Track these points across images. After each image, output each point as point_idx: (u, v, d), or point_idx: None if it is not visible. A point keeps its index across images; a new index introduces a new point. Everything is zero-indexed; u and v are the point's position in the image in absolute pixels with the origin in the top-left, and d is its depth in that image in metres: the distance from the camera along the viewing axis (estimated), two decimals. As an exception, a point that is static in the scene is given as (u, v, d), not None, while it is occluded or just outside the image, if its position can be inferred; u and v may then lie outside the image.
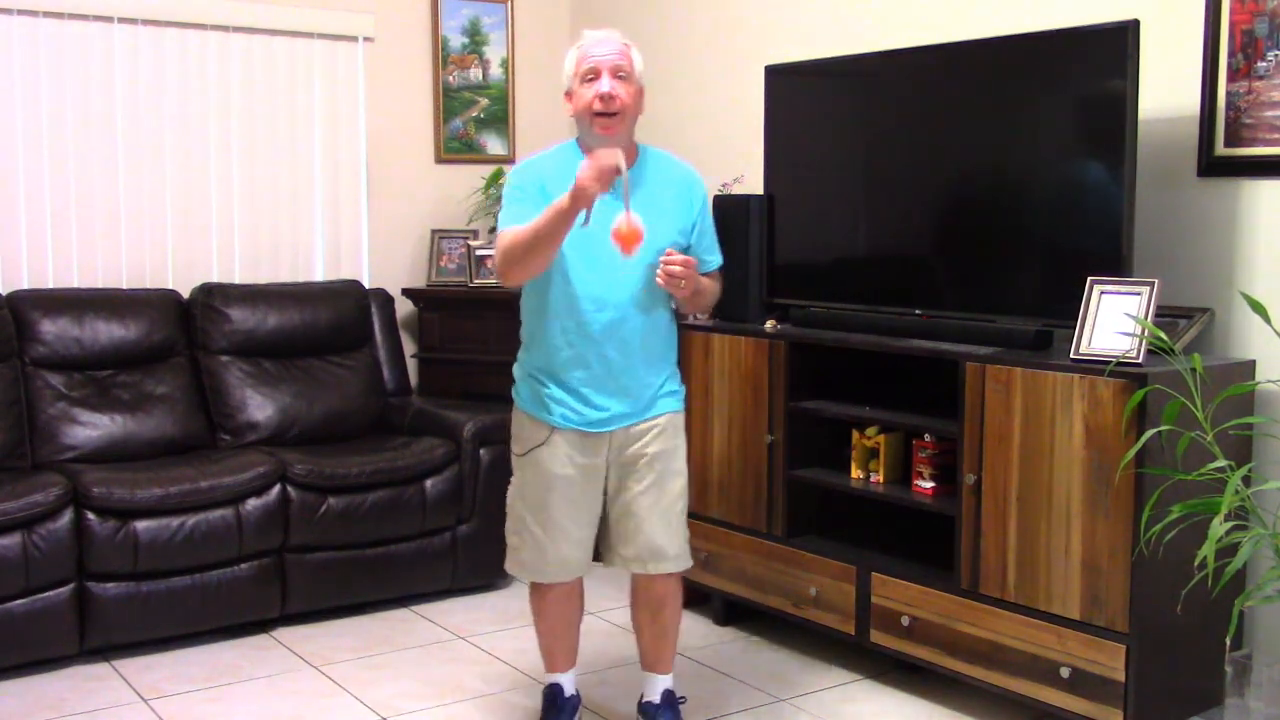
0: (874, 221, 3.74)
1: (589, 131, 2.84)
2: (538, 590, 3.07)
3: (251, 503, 3.80)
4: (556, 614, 3.09)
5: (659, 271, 2.77)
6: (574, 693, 3.16)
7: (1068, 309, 3.04)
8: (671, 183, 2.93)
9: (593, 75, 2.81)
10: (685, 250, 2.89)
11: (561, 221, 2.67)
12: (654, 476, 2.95)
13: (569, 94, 2.87)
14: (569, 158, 2.85)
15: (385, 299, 4.75)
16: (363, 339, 4.60)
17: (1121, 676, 2.87)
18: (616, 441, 2.93)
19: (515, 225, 2.78)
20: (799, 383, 3.65)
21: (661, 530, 2.97)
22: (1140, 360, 2.83)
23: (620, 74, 2.81)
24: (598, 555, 3.08)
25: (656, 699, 3.13)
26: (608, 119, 2.79)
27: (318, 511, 3.91)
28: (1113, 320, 2.92)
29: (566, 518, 2.96)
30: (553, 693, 3.15)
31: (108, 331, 4.11)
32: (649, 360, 2.93)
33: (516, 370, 3.02)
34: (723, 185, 4.20)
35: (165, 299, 4.30)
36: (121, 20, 4.40)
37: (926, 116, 3.53)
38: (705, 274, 2.97)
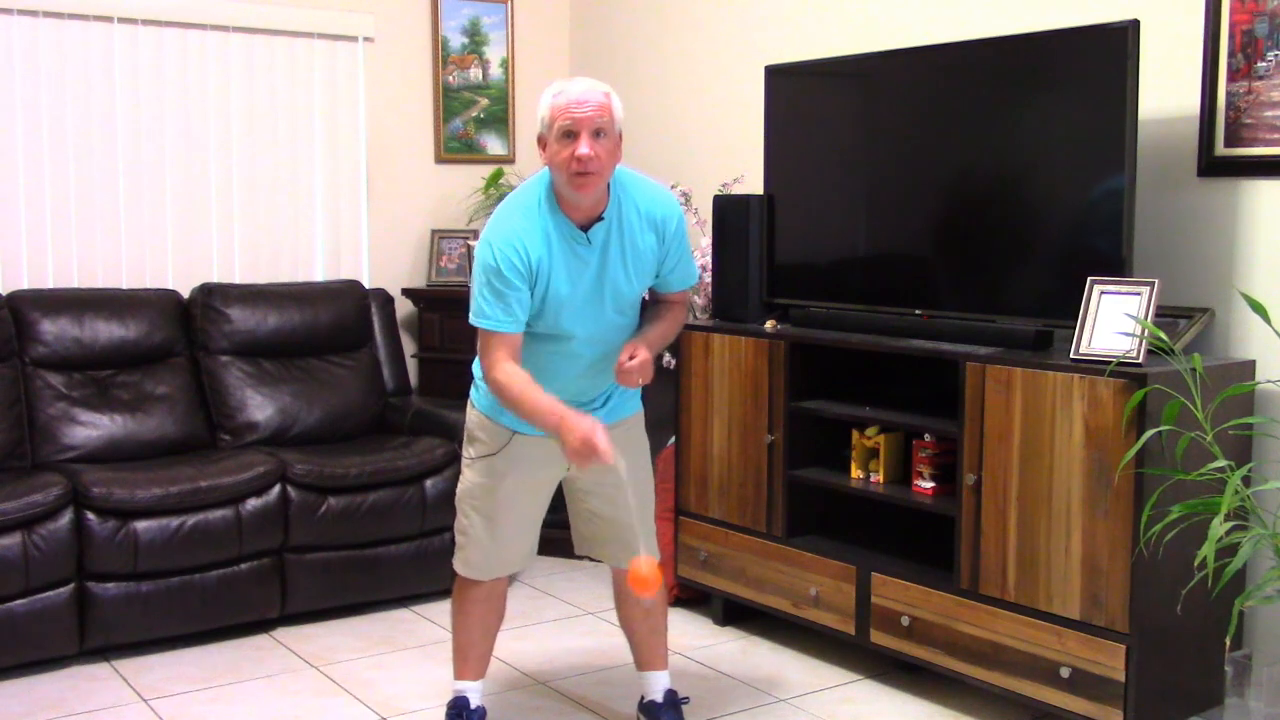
0: (874, 221, 3.74)
1: (563, 184, 2.71)
2: (464, 586, 3.03)
3: (251, 503, 3.80)
4: (478, 615, 3.04)
5: (617, 373, 2.75)
6: (480, 705, 3.08)
7: (1068, 309, 3.04)
8: (645, 227, 2.82)
9: (570, 134, 2.64)
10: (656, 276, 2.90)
11: (548, 428, 2.68)
12: (624, 478, 2.91)
13: (542, 140, 2.72)
14: (540, 217, 2.74)
15: (385, 299, 4.75)
16: (363, 339, 4.60)
17: (1121, 676, 2.87)
18: None
19: (503, 331, 2.71)
20: (799, 383, 3.65)
21: (644, 530, 2.97)
22: (1140, 360, 2.83)
23: (599, 134, 2.65)
24: (569, 553, 3.12)
25: (659, 698, 3.13)
26: (584, 178, 2.67)
27: (317, 511, 3.91)
28: (1113, 320, 2.92)
29: (514, 523, 2.96)
30: (458, 704, 3.06)
31: (108, 331, 4.11)
32: (614, 379, 2.87)
33: (476, 369, 2.97)
34: (723, 185, 4.21)
35: (165, 299, 4.30)
36: (121, 20, 4.40)
37: (926, 116, 3.53)
38: (671, 293, 2.97)
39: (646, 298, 2.99)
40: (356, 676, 3.56)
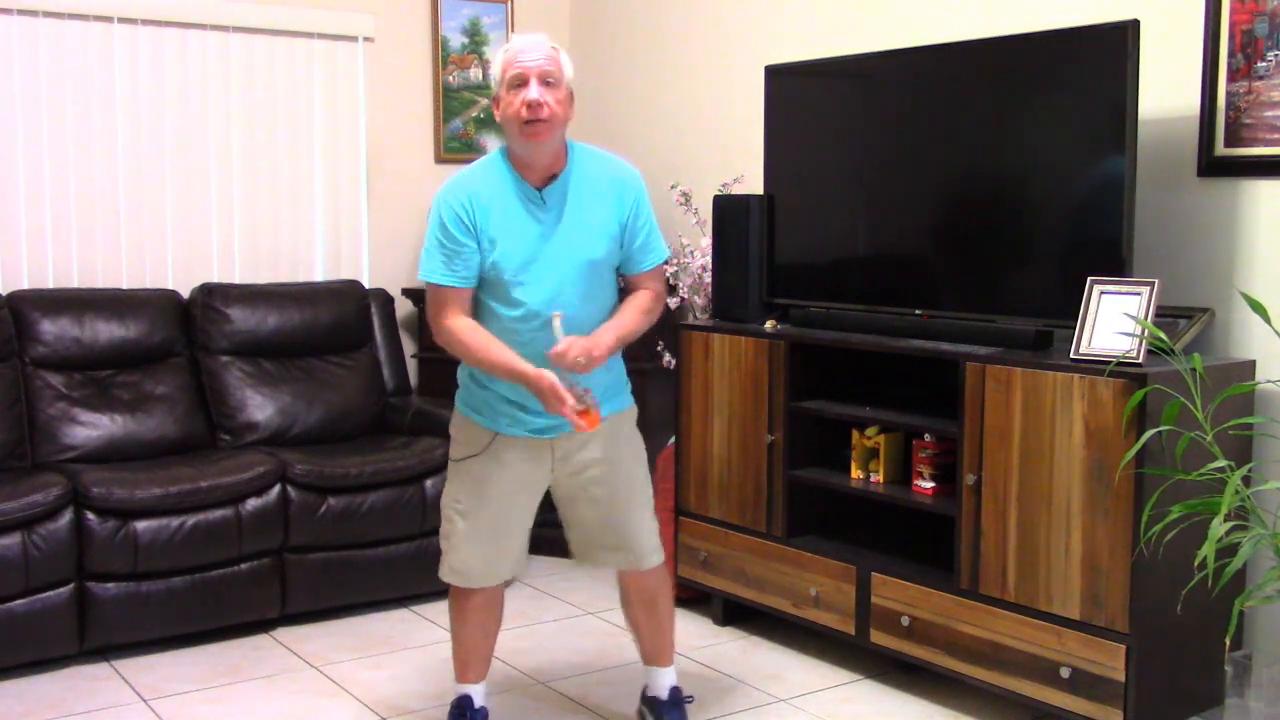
0: (874, 221, 3.74)
1: (516, 140, 2.74)
2: (460, 595, 3.00)
3: (251, 503, 3.80)
4: (476, 622, 3.02)
5: (550, 356, 2.69)
6: (483, 705, 3.06)
7: (1068, 309, 3.04)
8: (601, 192, 2.82)
9: (520, 82, 2.69)
10: (618, 247, 2.85)
11: (514, 380, 2.72)
12: (617, 478, 2.93)
13: (495, 100, 2.78)
14: (497, 175, 2.78)
15: (385, 299, 4.75)
16: (363, 339, 4.60)
17: (1121, 676, 2.87)
18: (560, 450, 2.88)
19: (449, 285, 2.74)
20: (799, 383, 3.65)
21: (644, 529, 2.99)
22: (1140, 360, 2.83)
23: (548, 80, 2.70)
24: (568, 553, 3.09)
25: (663, 695, 3.12)
26: (535, 126, 2.69)
27: (317, 511, 3.91)
28: (1113, 320, 2.92)
29: (501, 527, 2.93)
30: (461, 705, 3.05)
31: (108, 331, 4.11)
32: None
33: (460, 370, 2.97)
34: (723, 185, 4.21)
35: (165, 299, 4.30)
36: (121, 20, 4.40)
37: (926, 116, 3.52)
38: (641, 273, 2.91)
39: (622, 285, 2.95)
40: (356, 676, 3.56)
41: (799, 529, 3.68)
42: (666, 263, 3.04)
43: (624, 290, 2.97)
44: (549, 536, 3.43)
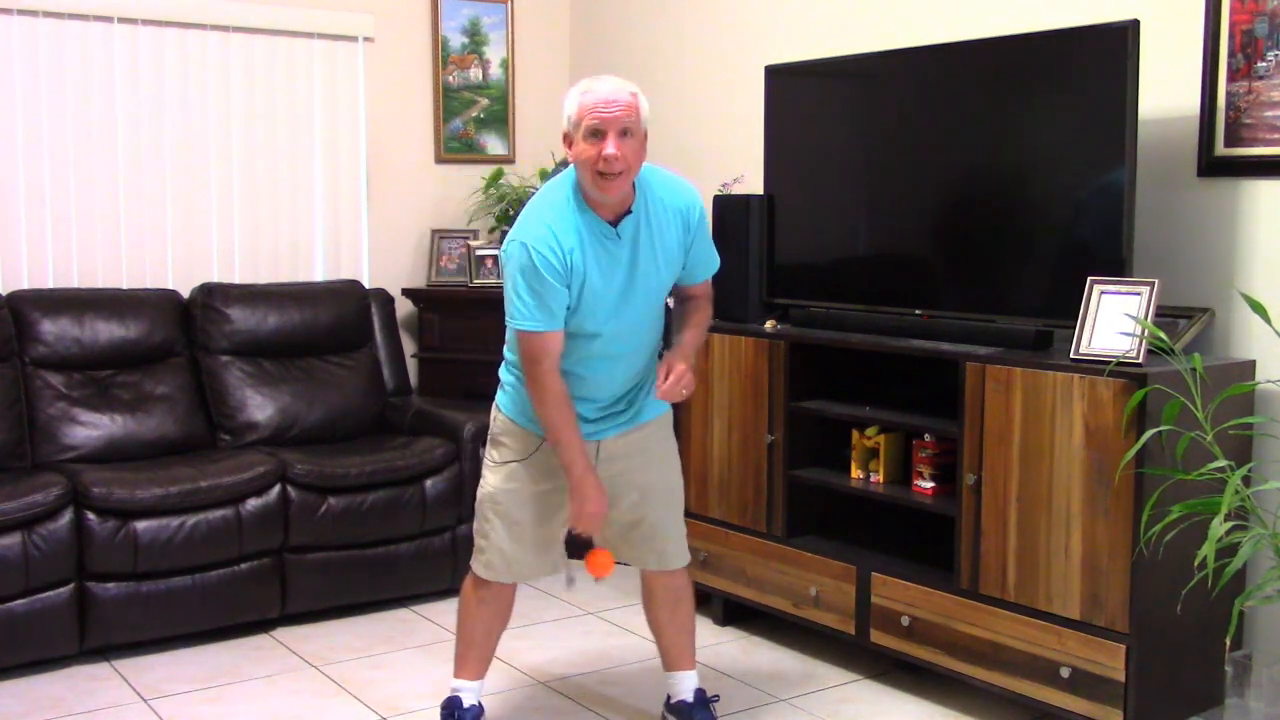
0: (874, 221, 3.74)
1: (588, 183, 2.71)
2: (474, 585, 3.02)
3: (251, 503, 3.80)
4: (484, 616, 3.02)
5: (659, 393, 2.79)
6: (475, 703, 3.05)
7: (1068, 309, 3.04)
8: (668, 220, 2.83)
9: (598, 134, 2.65)
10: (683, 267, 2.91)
11: (566, 467, 2.80)
12: (653, 480, 2.98)
13: (568, 138, 2.72)
14: (571, 214, 2.73)
15: (385, 299, 4.75)
16: (363, 339, 4.60)
17: (1121, 676, 2.87)
18: (605, 451, 2.93)
19: (544, 331, 2.70)
20: (799, 383, 3.65)
21: (673, 530, 3.04)
22: (1140, 360, 2.83)
23: (626, 133, 2.67)
24: (569, 550, 3.09)
25: (689, 697, 3.12)
26: (610, 178, 2.68)
27: (318, 511, 3.91)
28: (1113, 320, 2.92)
29: (537, 530, 2.95)
30: (451, 705, 3.04)
31: (108, 331, 4.11)
32: (642, 375, 2.95)
33: (505, 374, 2.97)
34: (723, 185, 4.20)
35: (165, 299, 4.30)
36: (121, 20, 4.39)
37: (926, 116, 3.52)
38: (696, 284, 2.97)
39: (669, 301, 2.99)
40: (356, 676, 3.56)
41: (799, 529, 3.68)
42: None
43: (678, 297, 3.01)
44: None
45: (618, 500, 2.96)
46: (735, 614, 3.96)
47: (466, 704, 3.04)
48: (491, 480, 2.97)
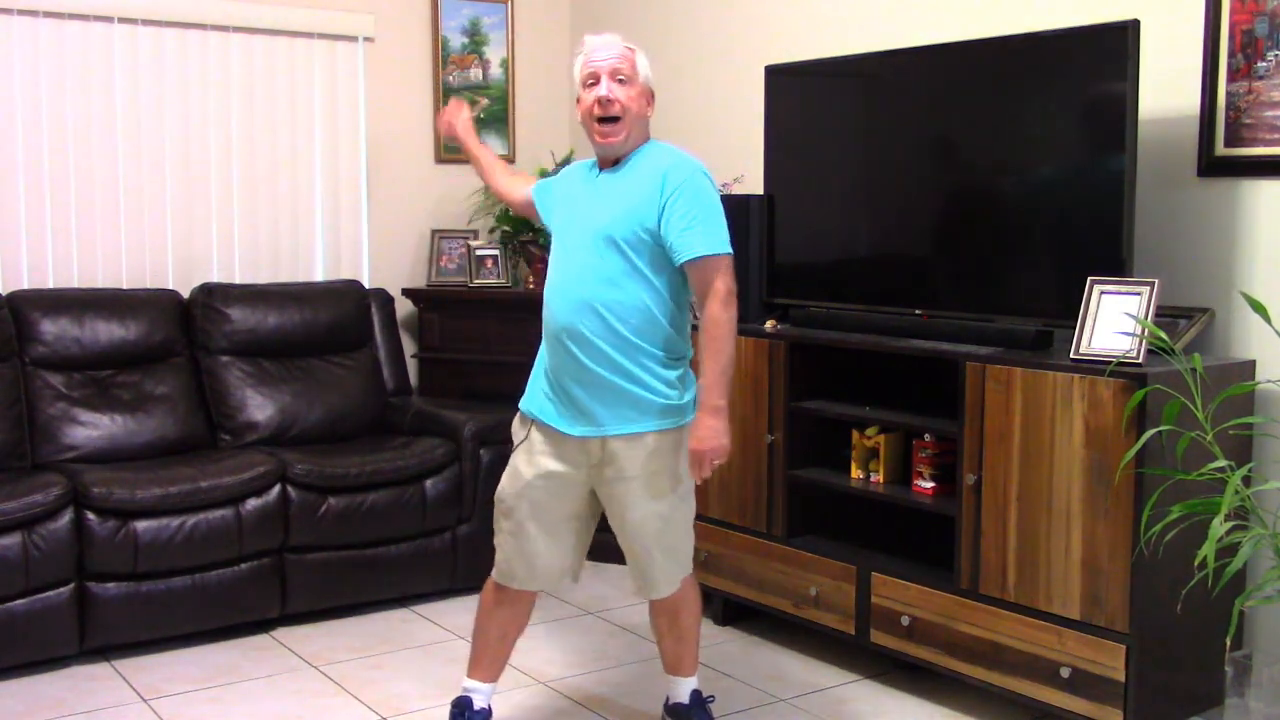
0: (874, 221, 3.74)
1: (592, 142, 2.80)
2: (491, 588, 3.00)
3: (251, 503, 3.80)
4: (499, 620, 3.00)
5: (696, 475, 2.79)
6: (485, 706, 3.03)
7: (1068, 309, 3.04)
8: (650, 178, 2.75)
9: (593, 80, 2.77)
10: (655, 234, 2.72)
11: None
12: (638, 502, 2.83)
13: (578, 102, 2.83)
14: (581, 168, 2.96)
15: (385, 299, 4.75)
16: (363, 339, 4.60)
17: (1121, 676, 2.87)
18: (595, 454, 2.80)
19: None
20: (799, 383, 3.65)
21: (656, 559, 2.91)
22: (1140, 360, 2.83)
23: (620, 77, 2.76)
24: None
25: (685, 700, 3.12)
26: (607, 125, 2.75)
27: (318, 511, 3.91)
28: (1113, 320, 2.92)
29: (535, 526, 2.89)
30: (461, 704, 3.02)
31: (108, 331, 4.11)
32: (621, 356, 2.73)
33: (537, 366, 2.94)
34: (723, 185, 4.20)
35: (165, 299, 4.30)
36: (121, 20, 4.39)
37: (926, 116, 3.53)
38: (689, 261, 2.71)
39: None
40: (356, 676, 3.56)
41: (799, 529, 3.68)
42: (717, 256, 2.75)
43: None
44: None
45: (610, 514, 2.92)
46: (735, 614, 3.96)
47: (477, 706, 3.03)
48: (501, 481, 2.97)
